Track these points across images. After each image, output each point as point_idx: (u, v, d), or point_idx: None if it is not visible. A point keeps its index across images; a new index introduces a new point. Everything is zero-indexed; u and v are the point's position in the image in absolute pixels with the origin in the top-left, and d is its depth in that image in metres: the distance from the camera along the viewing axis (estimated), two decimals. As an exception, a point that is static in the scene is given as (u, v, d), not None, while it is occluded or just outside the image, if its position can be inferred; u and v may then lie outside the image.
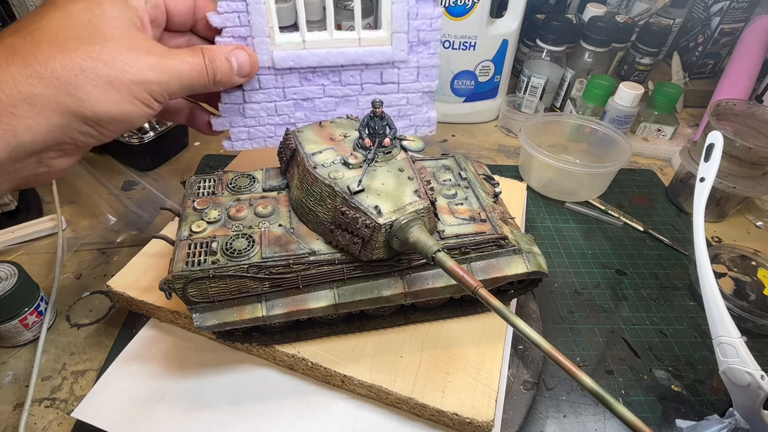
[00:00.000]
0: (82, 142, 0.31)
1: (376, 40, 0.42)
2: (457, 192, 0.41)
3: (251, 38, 0.40)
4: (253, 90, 0.42)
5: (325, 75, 0.43)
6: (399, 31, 0.42)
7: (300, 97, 0.44)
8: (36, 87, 0.28)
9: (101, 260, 0.53)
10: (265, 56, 0.41)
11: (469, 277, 0.29)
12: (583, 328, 0.48)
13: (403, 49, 0.42)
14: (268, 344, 0.39)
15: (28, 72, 0.28)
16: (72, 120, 0.29)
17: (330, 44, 0.41)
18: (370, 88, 0.44)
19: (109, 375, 0.39)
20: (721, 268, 0.52)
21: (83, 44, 0.29)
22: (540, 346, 0.26)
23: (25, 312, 0.42)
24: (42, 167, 0.31)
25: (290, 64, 0.41)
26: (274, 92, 0.43)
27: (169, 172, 0.65)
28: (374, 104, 0.35)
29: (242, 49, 0.38)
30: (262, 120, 0.44)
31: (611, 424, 0.40)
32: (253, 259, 0.34)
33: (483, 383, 0.37)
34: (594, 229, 0.60)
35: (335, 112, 0.45)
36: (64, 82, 0.28)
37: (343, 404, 0.38)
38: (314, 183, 0.35)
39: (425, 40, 0.43)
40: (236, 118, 0.44)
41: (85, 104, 0.29)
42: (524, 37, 0.85)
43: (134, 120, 0.32)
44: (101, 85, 0.29)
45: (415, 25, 0.42)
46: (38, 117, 0.28)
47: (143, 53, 0.31)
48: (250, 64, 0.39)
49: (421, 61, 0.44)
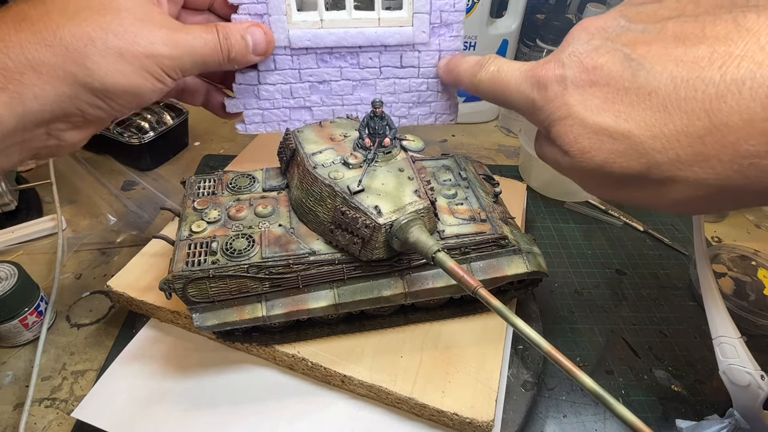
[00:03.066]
0: (91, 115, 0.31)
1: (396, 21, 0.41)
2: (457, 192, 0.41)
3: (268, 16, 0.39)
4: (268, 71, 0.41)
5: (342, 57, 0.42)
6: (420, 11, 0.40)
7: (316, 79, 0.42)
8: (44, 55, 0.27)
9: (101, 260, 0.53)
10: (281, 35, 0.40)
11: (469, 277, 0.29)
12: (583, 328, 0.48)
13: (424, 30, 0.41)
14: (268, 344, 0.39)
15: (37, 39, 0.27)
16: (80, 90, 0.29)
17: (348, 24, 0.40)
18: (389, 71, 0.43)
19: (109, 375, 0.39)
20: (721, 268, 0.52)
21: (94, 14, 0.29)
22: (540, 346, 0.26)
23: (25, 312, 0.42)
24: (52, 139, 0.31)
25: (307, 43, 0.40)
26: (290, 74, 0.42)
27: (169, 172, 0.65)
28: (374, 104, 0.35)
29: (258, 27, 0.38)
30: (276, 102, 0.43)
31: (611, 424, 0.40)
32: (253, 259, 0.34)
33: (483, 383, 0.37)
34: (594, 229, 0.60)
35: (352, 96, 0.44)
36: (72, 51, 0.28)
37: (343, 404, 0.38)
38: (314, 183, 0.35)
39: (448, 22, 0.41)
40: (250, 100, 0.43)
41: (94, 74, 0.29)
42: (524, 37, 0.85)
43: (145, 94, 0.32)
44: (111, 56, 0.29)
45: (438, 5, 0.40)
46: (45, 85, 0.28)
47: (156, 27, 0.31)
48: (265, 42, 0.38)
49: (443, 44, 0.42)
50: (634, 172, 0.26)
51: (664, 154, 0.24)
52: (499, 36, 0.70)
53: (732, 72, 0.22)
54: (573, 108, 0.27)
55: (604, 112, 0.26)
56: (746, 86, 0.22)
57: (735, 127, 0.22)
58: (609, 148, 0.26)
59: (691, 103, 0.23)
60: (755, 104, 0.21)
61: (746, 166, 0.22)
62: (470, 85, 0.36)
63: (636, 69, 0.25)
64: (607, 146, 0.26)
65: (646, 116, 0.25)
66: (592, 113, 0.27)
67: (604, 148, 0.26)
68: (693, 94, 0.23)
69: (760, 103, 0.21)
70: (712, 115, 0.23)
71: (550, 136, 0.29)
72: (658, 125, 0.24)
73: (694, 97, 0.23)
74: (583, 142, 0.27)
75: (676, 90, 0.24)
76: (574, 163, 0.28)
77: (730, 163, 0.23)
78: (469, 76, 0.36)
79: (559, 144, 0.28)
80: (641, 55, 0.26)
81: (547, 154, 0.32)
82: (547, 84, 0.29)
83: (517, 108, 0.32)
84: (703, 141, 0.23)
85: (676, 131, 0.24)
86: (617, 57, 0.26)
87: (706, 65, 0.23)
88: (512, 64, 0.33)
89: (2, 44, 0.27)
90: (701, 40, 0.24)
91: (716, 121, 0.23)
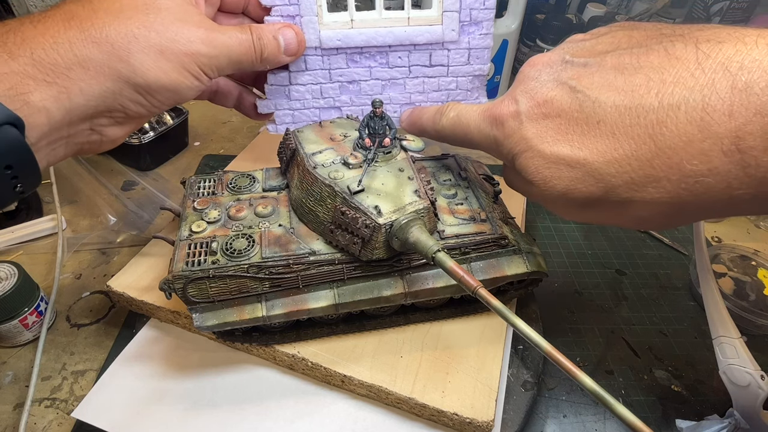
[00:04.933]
0: (132, 111, 0.32)
1: (425, 19, 0.41)
2: (457, 192, 0.41)
3: (300, 17, 0.39)
4: (299, 71, 0.42)
5: (372, 56, 0.42)
6: (450, 9, 0.40)
7: (346, 79, 0.43)
8: (91, 51, 0.28)
9: (101, 260, 0.53)
10: (312, 35, 0.40)
11: (469, 277, 0.29)
12: (583, 328, 0.48)
13: (453, 29, 0.41)
14: (268, 344, 0.39)
15: (84, 36, 0.28)
16: (123, 86, 0.30)
17: (378, 23, 0.40)
18: (418, 70, 0.43)
19: (109, 375, 0.39)
20: (721, 268, 0.52)
21: (138, 13, 0.30)
22: (540, 346, 0.26)
23: (25, 312, 0.42)
24: (94, 134, 0.32)
25: (337, 43, 0.40)
26: (320, 74, 0.42)
27: (169, 172, 0.65)
28: (374, 104, 0.35)
29: (290, 28, 0.39)
30: (306, 103, 0.44)
31: (611, 424, 0.40)
32: (253, 259, 0.34)
33: (483, 383, 0.37)
34: (594, 229, 0.60)
35: (381, 95, 0.44)
36: (117, 48, 0.29)
37: (343, 404, 0.38)
38: (314, 183, 0.35)
39: (477, 20, 0.41)
40: (281, 101, 0.43)
41: (137, 71, 0.30)
42: (524, 37, 0.85)
43: (184, 91, 0.33)
44: (152, 53, 0.30)
45: (468, 3, 0.40)
46: (91, 81, 0.29)
47: (194, 26, 0.32)
48: (297, 42, 0.39)
49: (472, 42, 0.42)
50: (594, 196, 0.27)
51: (618, 178, 0.26)
52: (499, 36, 0.70)
53: (668, 98, 0.24)
54: (531, 141, 0.29)
55: (559, 143, 0.28)
56: (681, 111, 0.23)
57: (677, 149, 0.24)
58: (568, 175, 0.28)
59: (636, 129, 0.25)
60: (692, 127, 0.23)
61: (692, 185, 0.24)
62: (434, 132, 0.38)
63: (582, 100, 0.27)
64: (566, 174, 0.28)
65: (598, 143, 0.26)
66: (548, 144, 0.28)
67: (563, 176, 0.28)
68: (636, 121, 0.25)
69: (696, 126, 0.23)
70: (656, 139, 0.24)
71: (514, 168, 0.31)
72: (609, 151, 0.26)
73: (637, 123, 0.25)
74: (544, 171, 0.29)
75: (621, 118, 0.25)
76: (539, 191, 0.30)
77: (678, 182, 0.24)
78: (431, 124, 0.38)
79: (524, 175, 0.30)
80: (585, 86, 0.27)
81: (515, 184, 0.34)
82: (503, 121, 0.31)
83: (481, 147, 0.34)
84: (652, 164, 0.25)
85: (627, 156, 0.25)
86: (564, 90, 0.28)
87: (644, 93, 0.25)
88: (470, 107, 0.35)
89: (52, 41, 0.28)
90: (637, 70, 0.26)
91: (660, 145, 0.24)
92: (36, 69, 0.27)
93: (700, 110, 0.23)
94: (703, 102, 0.23)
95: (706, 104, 0.23)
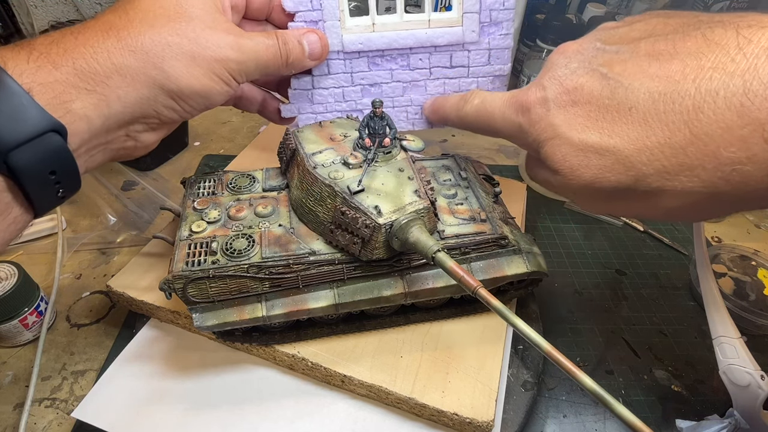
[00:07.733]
0: (166, 117, 0.33)
1: (446, 21, 0.41)
2: (457, 192, 0.41)
3: (323, 22, 0.40)
4: (322, 75, 0.42)
5: (393, 59, 0.42)
6: (470, 11, 0.41)
7: (368, 82, 0.43)
8: (127, 59, 0.29)
9: (101, 260, 0.53)
10: (335, 40, 0.41)
11: (469, 277, 0.29)
12: (583, 328, 0.48)
13: (474, 29, 0.41)
14: (268, 344, 0.39)
15: (121, 45, 0.29)
16: (158, 92, 0.31)
17: (399, 26, 0.41)
18: (439, 72, 0.43)
19: (109, 375, 0.39)
20: (721, 268, 0.52)
21: (171, 21, 0.31)
22: (540, 346, 0.26)
23: (25, 312, 0.42)
24: (130, 140, 0.33)
25: (359, 47, 0.41)
26: (343, 77, 0.43)
27: (169, 172, 0.65)
28: (374, 104, 0.35)
29: (313, 32, 0.39)
30: (329, 106, 0.44)
31: (611, 424, 0.40)
32: (253, 259, 0.34)
33: (483, 383, 0.37)
34: (594, 229, 0.60)
35: (402, 97, 0.44)
36: (152, 56, 0.30)
37: (343, 404, 0.38)
38: (314, 183, 0.35)
39: (497, 20, 0.42)
40: (304, 105, 0.44)
41: (170, 77, 0.31)
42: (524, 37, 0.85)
43: (214, 97, 0.34)
44: (185, 60, 0.31)
45: (488, 4, 0.41)
46: (128, 88, 0.29)
47: (224, 33, 0.33)
48: (320, 46, 0.40)
49: (492, 42, 0.42)
50: (623, 185, 0.27)
51: (650, 166, 0.25)
52: (499, 36, 0.70)
53: (705, 84, 0.23)
54: (558, 128, 0.28)
55: (589, 130, 0.27)
56: (720, 96, 0.23)
57: (714, 136, 0.23)
58: (597, 164, 0.27)
59: (670, 115, 0.24)
60: (731, 113, 0.22)
61: (729, 173, 0.23)
62: (457, 119, 0.38)
63: (614, 86, 0.26)
64: (595, 162, 0.27)
65: (629, 131, 0.26)
66: (577, 132, 0.28)
67: (592, 165, 0.27)
68: (671, 107, 0.24)
69: (735, 112, 0.22)
70: (691, 126, 0.24)
71: (539, 157, 0.30)
72: (641, 138, 0.25)
73: (672, 109, 0.24)
74: (571, 160, 0.28)
75: (654, 104, 0.25)
76: (565, 181, 0.29)
77: (713, 171, 0.23)
78: (455, 111, 0.38)
79: (549, 164, 0.29)
80: (618, 73, 0.27)
81: (538, 176, 0.33)
82: (530, 107, 0.30)
83: (504, 135, 0.34)
84: (686, 152, 0.24)
85: (660, 143, 0.25)
86: (595, 76, 0.27)
87: (681, 79, 0.24)
88: (495, 94, 0.34)
89: (92, 50, 0.28)
90: (673, 56, 0.25)
91: (696, 132, 0.23)
92: (77, 78, 0.28)
93: (741, 95, 0.22)
94: (744, 87, 0.22)
95: (747, 89, 0.22)
